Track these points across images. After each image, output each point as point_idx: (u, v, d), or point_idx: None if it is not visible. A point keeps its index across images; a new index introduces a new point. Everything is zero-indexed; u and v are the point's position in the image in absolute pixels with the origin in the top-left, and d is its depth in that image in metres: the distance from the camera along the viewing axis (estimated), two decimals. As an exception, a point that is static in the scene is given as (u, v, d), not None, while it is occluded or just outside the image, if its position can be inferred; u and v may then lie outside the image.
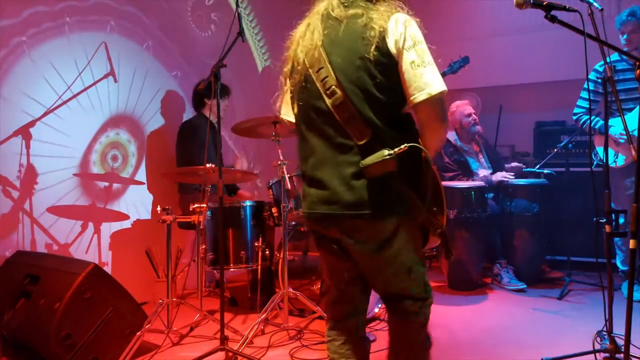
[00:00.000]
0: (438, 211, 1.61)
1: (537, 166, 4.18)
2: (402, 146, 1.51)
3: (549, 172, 4.12)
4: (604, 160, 2.60)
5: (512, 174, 4.20)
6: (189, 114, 4.12)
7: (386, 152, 1.50)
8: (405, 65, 1.54)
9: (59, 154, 3.24)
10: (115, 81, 3.58)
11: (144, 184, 3.84)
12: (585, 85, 3.51)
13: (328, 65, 1.59)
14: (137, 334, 2.60)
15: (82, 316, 2.44)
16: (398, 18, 1.57)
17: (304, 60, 1.67)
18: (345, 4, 1.64)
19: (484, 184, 4.01)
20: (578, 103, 3.69)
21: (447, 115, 1.65)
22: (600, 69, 3.40)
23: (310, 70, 1.64)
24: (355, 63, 1.56)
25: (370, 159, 1.52)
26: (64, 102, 3.27)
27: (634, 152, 2.08)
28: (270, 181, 3.35)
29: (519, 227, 4.12)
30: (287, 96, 1.80)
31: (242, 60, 4.74)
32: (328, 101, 1.58)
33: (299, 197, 3.20)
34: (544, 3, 2.04)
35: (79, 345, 2.42)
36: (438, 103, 1.55)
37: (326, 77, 1.59)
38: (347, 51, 1.58)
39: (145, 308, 3.02)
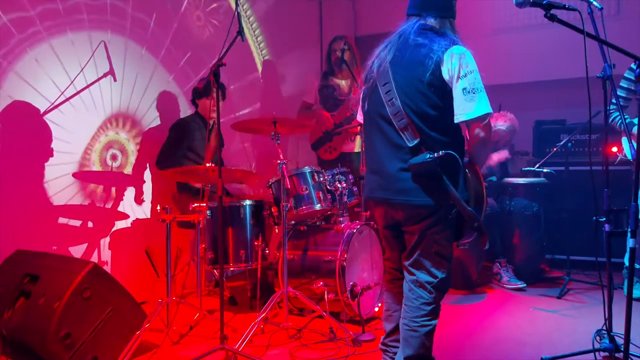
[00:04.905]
0: (477, 208, 2.00)
1: (537, 165, 4.18)
2: (440, 152, 1.89)
3: (549, 171, 4.12)
4: (627, 157, 2.57)
5: (506, 154, 4.21)
6: (185, 112, 4.11)
7: (428, 155, 1.90)
8: (458, 90, 1.93)
9: (58, 153, 3.23)
10: (115, 80, 3.57)
11: (144, 183, 3.83)
12: (622, 84, 3.48)
13: (392, 81, 2.01)
14: (137, 333, 2.60)
15: (81, 315, 2.44)
16: (454, 51, 1.94)
17: (376, 72, 2.08)
18: (419, 33, 2.02)
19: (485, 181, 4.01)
20: (612, 100, 3.64)
21: (490, 133, 2.03)
22: (634, 67, 3.35)
23: (378, 82, 2.06)
24: (413, 84, 1.97)
25: (415, 160, 1.93)
26: (63, 102, 3.26)
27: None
28: (270, 180, 3.34)
29: (518, 226, 4.13)
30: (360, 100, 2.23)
31: (242, 59, 4.74)
32: (388, 110, 2.00)
33: (298, 196, 3.21)
34: (544, 2, 2.04)
35: (78, 345, 2.42)
36: (482, 123, 1.97)
37: (389, 90, 2.01)
38: (409, 73, 1.99)
39: (145, 307, 3.02)
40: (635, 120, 3.46)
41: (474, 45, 2.01)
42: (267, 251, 3.33)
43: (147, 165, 3.86)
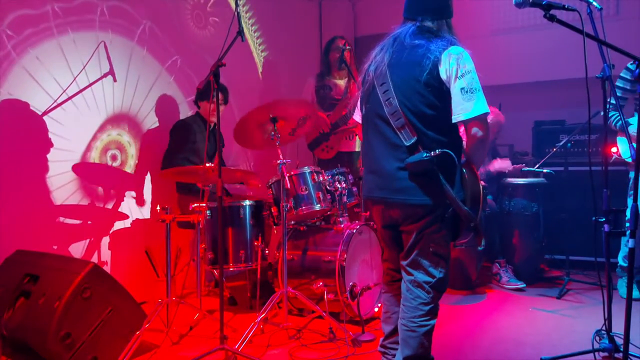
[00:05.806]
0: (473, 208, 2.00)
1: (536, 165, 4.19)
2: (437, 151, 1.91)
3: (548, 171, 4.12)
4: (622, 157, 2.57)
5: (509, 165, 4.20)
6: (185, 113, 4.11)
7: (424, 154, 1.91)
8: (456, 90, 1.93)
9: (58, 153, 3.23)
10: (115, 80, 3.58)
11: (143, 184, 3.83)
12: (618, 83, 3.46)
13: (389, 81, 2.03)
14: (137, 333, 2.60)
15: (81, 315, 2.44)
16: (451, 51, 1.95)
17: (373, 74, 2.10)
18: (415, 35, 2.04)
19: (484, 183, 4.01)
20: (610, 100, 3.62)
21: (488, 133, 2.02)
22: (632, 67, 3.33)
23: (376, 82, 2.08)
24: (411, 84, 1.98)
25: (412, 158, 1.94)
26: (65, 100, 3.26)
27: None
28: (270, 180, 3.34)
29: (518, 226, 4.13)
30: (358, 101, 2.26)
31: (241, 59, 4.74)
32: (386, 109, 2.02)
33: (298, 197, 3.21)
34: (543, 2, 2.05)
35: (78, 345, 2.42)
36: (480, 123, 1.96)
37: (387, 90, 2.03)
38: (406, 74, 2.00)
39: (145, 307, 3.02)
40: (631, 120, 3.46)
41: (473, 46, 2.02)
42: (266, 251, 3.34)
43: (147, 165, 3.86)
